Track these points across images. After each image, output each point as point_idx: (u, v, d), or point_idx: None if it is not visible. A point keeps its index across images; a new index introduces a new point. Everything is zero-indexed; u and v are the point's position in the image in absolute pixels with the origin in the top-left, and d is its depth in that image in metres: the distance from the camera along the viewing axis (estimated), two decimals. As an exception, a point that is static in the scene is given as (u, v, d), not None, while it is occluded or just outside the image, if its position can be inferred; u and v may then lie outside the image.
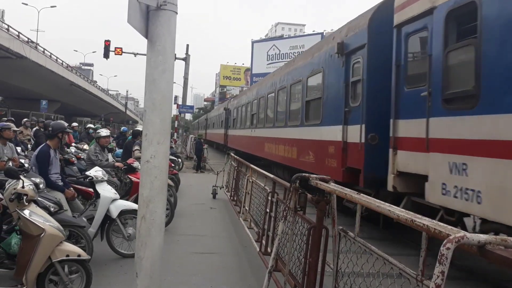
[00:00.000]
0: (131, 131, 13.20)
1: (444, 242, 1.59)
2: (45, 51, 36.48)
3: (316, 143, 9.17)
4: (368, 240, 2.86)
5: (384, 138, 6.45)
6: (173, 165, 10.68)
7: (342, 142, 7.69)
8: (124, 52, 24.33)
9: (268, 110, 14.63)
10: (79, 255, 3.95)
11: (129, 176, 7.33)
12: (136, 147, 8.67)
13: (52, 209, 4.44)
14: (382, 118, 6.51)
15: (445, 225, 1.87)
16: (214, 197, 11.07)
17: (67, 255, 3.88)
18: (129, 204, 5.72)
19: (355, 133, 7.24)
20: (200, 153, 19.75)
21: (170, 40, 2.75)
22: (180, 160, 17.65)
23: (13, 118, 13.78)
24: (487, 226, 4.68)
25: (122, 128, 19.33)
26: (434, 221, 1.95)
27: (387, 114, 6.33)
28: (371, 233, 7.20)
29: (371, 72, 6.96)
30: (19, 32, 31.04)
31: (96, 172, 5.84)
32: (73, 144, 11.51)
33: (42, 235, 3.76)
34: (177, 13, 2.78)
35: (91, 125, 16.37)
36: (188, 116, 54.33)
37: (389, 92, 6.32)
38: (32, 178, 4.44)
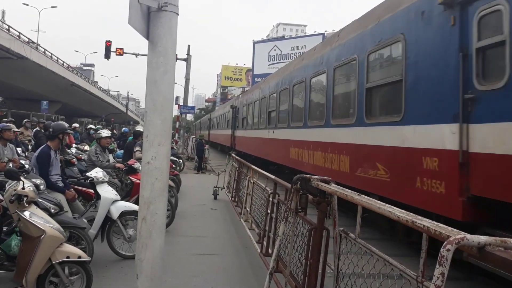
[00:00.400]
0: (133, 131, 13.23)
1: (444, 243, 1.59)
2: (46, 52, 36.53)
3: (394, 152, 5.99)
4: (369, 241, 2.85)
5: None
6: (174, 166, 10.68)
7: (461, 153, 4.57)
8: (125, 53, 24.37)
9: (295, 105, 11.21)
10: (79, 257, 3.94)
11: (130, 177, 7.33)
12: (137, 148, 8.67)
13: (52, 210, 4.45)
14: None
15: (446, 226, 1.87)
16: (215, 198, 11.07)
17: (68, 257, 3.88)
18: (130, 205, 5.72)
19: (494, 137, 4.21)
20: (201, 153, 19.75)
21: (171, 41, 2.74)
22: (181, 161, 17.65)
23: (13, 119, 13.79)
24: None
25: (123, 128, 19.34)
26: (434, 222, 1.95)
27: None
28: (372, 234, 7.19)
29: None
30: (19, 33, 31.10)
31: (96, 173, 5.84)
32: (73, 145, 11.52)
33: (43, 236, 3.76)
34: (178, 14, 2.78)
35: (92, 126, 16.38)
36: (190, 117, 54.30)
37: None
38: (33, 179, 4.44)
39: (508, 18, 4.04)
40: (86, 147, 11.13)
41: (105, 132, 8.14)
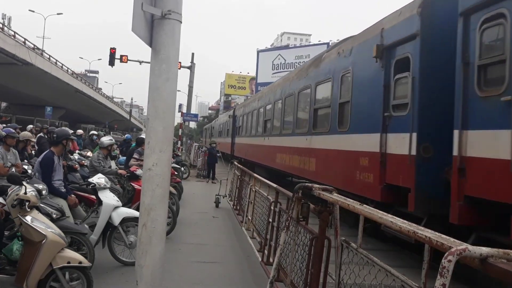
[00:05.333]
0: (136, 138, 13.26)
1: (446, 254, 1.58)
2: (51, 58, 36.81)
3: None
4: (370, 252, 2.84)
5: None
6: (176, 173, 10.69)
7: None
8: (129, 60, 24.48)
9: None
10: (80, 262, 3.94)
11: (132, 184, 7.34)
12: (135, 155, 8.70)
13: (54, 215, 4.45)
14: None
15: (448, 237, 1.86)
16: (217, 206, 11.05)
17: (68, 262, 3.87)
18: (131, 212, 5.72)
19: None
20: (214, 160, 17.83)
21: (174, 49, 2.76)
22: (183, 168, 17.61)
23: (20, 126, 13.83)
24: None
25: (126, 135, 19.39)
26: (436, 233, 1.94)
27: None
28: (374, 244, 7.15)
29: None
30: (25, 39, 31.38)
31: (99, 179, 5.85)
32: (76, 151, 11.55)
33: (44, 241, 3.76)
34: (181, 22, 2.80)
35: (94, 132, 16.43)
36: (193, 124, 54.49)
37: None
38: (35, 185, 4.45)
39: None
40: (89, 153, 11.15)
41: (108, 139, 8.17)
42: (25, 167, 6.28)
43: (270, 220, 5.54)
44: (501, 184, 4.39)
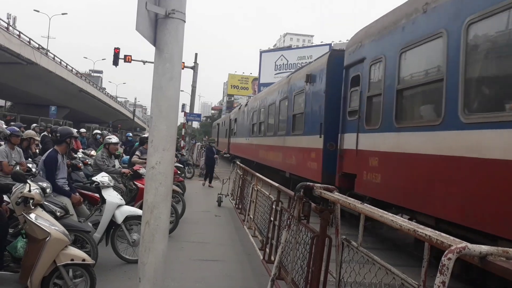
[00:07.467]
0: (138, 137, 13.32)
1: (446, 252, 1.60)
2: (55, 58, 36.94)
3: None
4: (371, 250, 2.86)
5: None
6: (179, 172, 10.72)
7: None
8: (133, 60, 24.52)
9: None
10: (83, 260, 3.97)
11: (135, 182, 7.37)
12: (137, 153, 8.74)
13: (58, 213, 4.48)
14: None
15: (448, 235, 1.88)
16: (219, 205, 11.08)
17: (72, 259, 3.90)
18: (134, 210, 5.75)
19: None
20: (212, 162, 15.88)
21: (177, 48, 2.78)
22: (188, 168, 17.62)
23: (24, 125, 13.89)
24: None
25: (127, 133, 19.47)
26: (436, 231, 1.96)
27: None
28: (374, 243, 7.17)
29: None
30: (30, 39, 31.50)
31: (102, 177, 5.88)
32: (80, 150, 11.60)
33: (48, 239, 3.79)
34: (185, 21, 2.82)
35: (98, 131, 16.49)
36: (196, 124, 54.52)
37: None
38: (39, 183, 4.49)
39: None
40: (93, 152, 11.21)
41: (114, 139, 8.21)
42: (30, 165, 6.32)
43: (272, 218, 5.57)
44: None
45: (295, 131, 11.39)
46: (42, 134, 13.79)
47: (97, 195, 6.09)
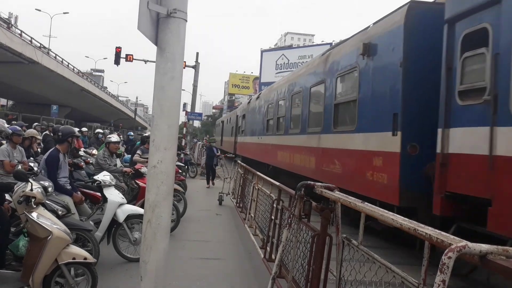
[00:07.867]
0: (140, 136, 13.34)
1: (446, 251, 1.60)
2: (57, 57, 36.97)
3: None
4: (371, 249, 2.87)
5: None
6: (180, 171, 10.74)
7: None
8: (135, 59, 24.55)
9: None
10: (85, 258, 3.99)
11: (137, 181, 7.39)
12: (138, 152, 8.76)
13: (60, 212, 4.49)
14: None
15: (448, 234, 1.89)
16: (220, 203, 11.10)
17: (74, 258, 3.92)
18: (136, 209, 5.77)
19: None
20: (212, 162, 15.51)
21: (179, 48, 2.79)
22: (191, 167, 17.67)
23: (26, 124, 13.93)
24: None
25: (128, 132, 19.52)
26: (436, 230, 1.96)
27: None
28: (375, 242, 7.17)
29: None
30: (31, 38, 31.55)
31: (104, 176, 5.90)
32: (82, 149, 11.62)
33: (49, 237, 3.81)
34: (186, 21, 2.82)
35: (100, 130, 16.52)
36: (197, 123, 54.58)
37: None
38: (41, 181, 4.49)
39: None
40: (94, 151, 11.22)
41: (115, 138, 8.23)
42: (31, 164, 6.34)
43: (273, 217, 5.58)
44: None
45: (339, 126, 8.44)
46: (44, 133, 13.81)
47: (98, 194, 6.12)
